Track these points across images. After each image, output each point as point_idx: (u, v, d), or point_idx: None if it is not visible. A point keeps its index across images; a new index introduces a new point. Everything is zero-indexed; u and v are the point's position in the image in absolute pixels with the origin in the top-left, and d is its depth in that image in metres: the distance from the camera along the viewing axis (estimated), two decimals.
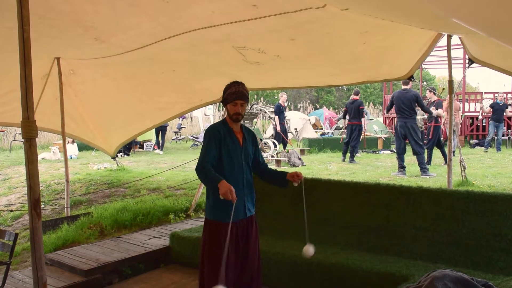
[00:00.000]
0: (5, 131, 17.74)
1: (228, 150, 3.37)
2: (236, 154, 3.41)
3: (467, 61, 6.11)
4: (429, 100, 12.28)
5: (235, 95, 3.36)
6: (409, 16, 3.76)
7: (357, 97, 12.84)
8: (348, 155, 12.38)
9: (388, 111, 11.78)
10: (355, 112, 12.61)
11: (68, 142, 13.46)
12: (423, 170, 9.53)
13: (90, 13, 4.42)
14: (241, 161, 3.42)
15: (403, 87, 9.98)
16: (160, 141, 16.97)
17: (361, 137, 13.14)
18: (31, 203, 3.01)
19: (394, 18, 3.98)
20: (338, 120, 20.16)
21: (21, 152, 15.55)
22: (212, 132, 3.39)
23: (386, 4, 3.39)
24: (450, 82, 5.59)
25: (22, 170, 10.94)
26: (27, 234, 6.81)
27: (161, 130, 16.64)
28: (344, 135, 13.30)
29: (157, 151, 16.65)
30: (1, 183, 9.93)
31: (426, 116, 12.80)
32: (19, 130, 16.37)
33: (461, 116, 15.77)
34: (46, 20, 4.34)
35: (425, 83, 28.37)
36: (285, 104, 15.21)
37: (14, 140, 17.12)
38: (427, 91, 12.38)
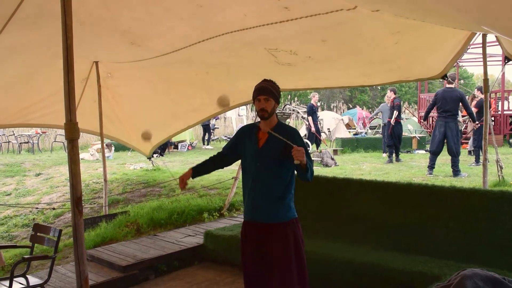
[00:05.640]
0: (47, 133, 18.35)
1: (244, 150, 3.34)
2: (250, 155, 3.28)
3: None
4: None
5: (256, 91, 3.27)
6: (441, 17, 3.75)
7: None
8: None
9: (428, 113, 10.81)
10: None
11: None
12: (456, 172, 9.35)
13: (127, 18, 4.59)
14: (255, 162, 3.24)
15: (448, 85, 9.61)
16: (207, 137, 19.04)
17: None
18: (73, 201, 3.15)
19: (426, 19, 3.98)
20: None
21: (61, 153, 16.08)
22: (238, 130, 3.54)
23: (417, 7, 3.40)
24: (485, 80, 5.51)
25: (63, 170, 11.34)
26: (68, 231, 7.08)
27: (205, 127, 18.72)
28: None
29: (205, 147, 18.54)
30: (44, 183, 10.32)
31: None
32: (59, 131, 16.97)
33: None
34: (86, 26, 4.54)
35: (462, 81, 27.74)
36: (318, 104, 15.21)
37: (55, 141, 17.70)
38: (476, 90, 11.99)
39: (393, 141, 12.34)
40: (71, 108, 3.17)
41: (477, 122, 10.45)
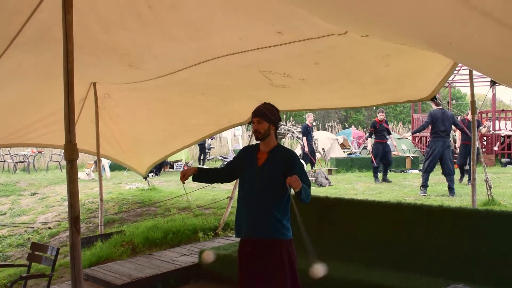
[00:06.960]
0: (42, 152, 18.40)
1: (245, 169, 3.48)
2: (250, 174, 3.41)
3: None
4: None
5: (252, 114, 3.44)
6: (427, 44, 3.90)
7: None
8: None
9: (420, 131, 12.20)
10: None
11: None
12: (452, 190, 9.49)
13: (125, 41, 4.72)
14: (253, 180, 3.39)
15: (437, 107, 9.89)
16: (202, 156, 19.34)
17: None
18: (71, 220, 3.22)
19: (413, 45, 4.13)
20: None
21: (57, 172, 16.10)
22: (241, 150, 3.72)
23: (401, 35, 3.55)
24: (472, 102, 5.66)
25: (58, 189, 11.38)
26: (63, 251, 7.10)
27: (201, 147, 19.09)
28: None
29: (201, 166, 18.14)
30: (39, 202, 10.35)
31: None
32: (55, 151, 17.01)
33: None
34: (85, 49, 4.65)
35: (454, 101, 28.04)
36: (313, 124, 15.36)
37: (50, 161, 17.73)
38: (469, 111, 12.30)
39: (381, 162, 12.46)
40: (71, 129, 3.27)
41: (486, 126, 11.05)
